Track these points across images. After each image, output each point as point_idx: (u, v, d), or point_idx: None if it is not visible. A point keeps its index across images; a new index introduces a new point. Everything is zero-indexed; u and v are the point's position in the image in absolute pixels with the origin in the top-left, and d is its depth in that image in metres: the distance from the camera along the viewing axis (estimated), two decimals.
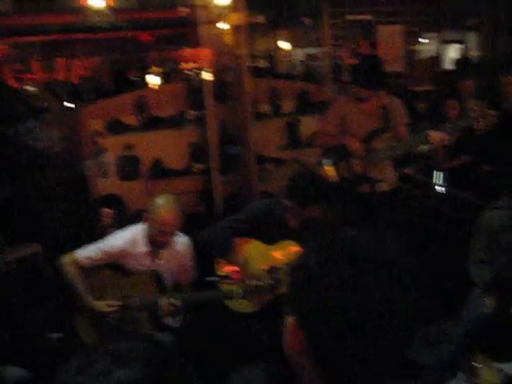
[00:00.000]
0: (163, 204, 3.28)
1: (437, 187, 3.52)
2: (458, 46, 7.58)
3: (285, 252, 3.65)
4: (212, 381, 3.48)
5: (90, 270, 3.41)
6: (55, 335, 3.32)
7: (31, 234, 4.53)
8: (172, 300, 3.19)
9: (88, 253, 3.35)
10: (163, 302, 3.19)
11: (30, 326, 3.84)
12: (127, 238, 3.38)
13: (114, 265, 3.43)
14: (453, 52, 7.68)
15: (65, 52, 6.73)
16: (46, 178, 5.76)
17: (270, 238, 3.64)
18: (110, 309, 3.30)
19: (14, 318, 3.85)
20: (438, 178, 3.52)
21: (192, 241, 3.68)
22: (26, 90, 6.15)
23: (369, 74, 4.01)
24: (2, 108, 6.34)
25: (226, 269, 3.65)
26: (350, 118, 4.20)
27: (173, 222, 3.28)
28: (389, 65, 4.31)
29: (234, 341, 4.02)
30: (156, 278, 3.40)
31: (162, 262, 3.45)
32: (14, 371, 3.19)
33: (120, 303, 3.33)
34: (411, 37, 6.72)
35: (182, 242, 3.54)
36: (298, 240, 3.65)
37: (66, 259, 3.36)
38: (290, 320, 0.92)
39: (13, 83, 4.88)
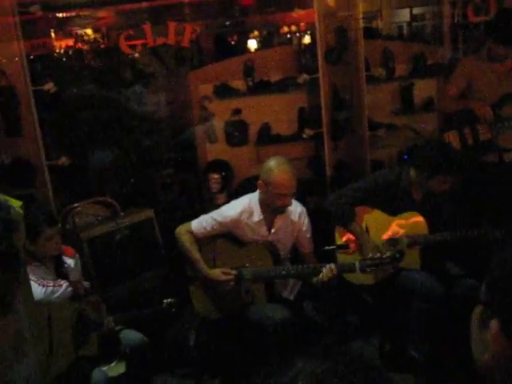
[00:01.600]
0: (278, 166, 3.18)
1: None
2: None
3: (407, 223, 3.46)
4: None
5: (204, 239, 3.39)
6: (168, 300, 3.32)
7: (144, 200, 4.58)
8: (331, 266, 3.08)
9: (203, 223, 3.36)
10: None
11: (144, 290, 3.90)
12: (241, 208, 3.31)
13: (228, 235, 3.39)
14: None
15: (173, 16, 6.71)
16: (153, 144, 5.84)
17: (393, 209, 3.47)
18: (226, 277, 3.27)
19: (128, 283, 3.92)
20: None
21: (305, 207, 3.56)
22: (135, 56, 6.22)
23: (507, 29, 3.65)
24: (113, 74, 6.45)
25: (346, 238, 3.52)
26: (480, 80, 3.87)
27: (290, 183, 3.16)
28: None
29: (347, 314, 3.91)
30: (271, 249, 3.31)
31: (277, 231, 3.36)
32: (131, 334, 3.24)
33: (235, 272, 3.28)
34: None
35: (297, 211, 3.43)
36: (422, 213, 3.45)
37: (181, 229, 3.40)
38: (493, 324, 0.74)
39: (125, 49, 4.88)
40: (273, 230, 3.35)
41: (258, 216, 3.30)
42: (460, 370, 3.10)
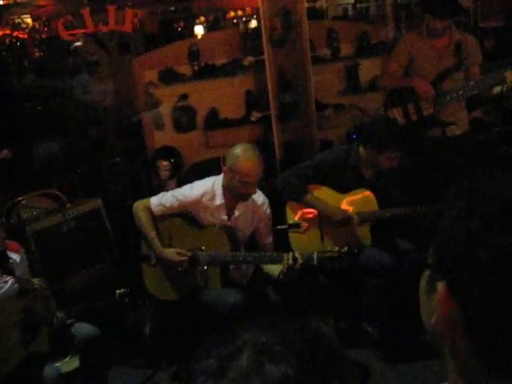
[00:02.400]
0: (244, 153, 3.13)
1: None
2: None
3: (357, 200, 3.50)
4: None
5: (162, 217, 3.32)
6: (121, 290, 3.26)
7: (92, 190, 4.49)
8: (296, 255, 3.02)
9: (162, 200, 3.28)
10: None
11: (96, 282, 3.83)
12: (204, 190, 3.25)
13: (186, 216, 3.33)
14: None
15: (116, 3, 6.59)
16: (100, 133, 5.72)
17: (343, 187, 3.50)
18: (180, 258, 3.21)
19: (79, 275, 3.84)
20: None
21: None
22: (78, 45, 6.06)
23: (444, 1, 3.71)
24: (55, 63, 6.29)
25: (300, 213, 3.52)
26: (420, 56, 3.92)
27: (256, 171, 3.11)
28: None
29: (301, 294, 3.92)
30: (229, 234, 3.28)
31: (237, 217, 3.32)
32: (83, 327, 3.18)
33: (189, 254, 3.23)
34: None
35: (259, 200, 3.39)
36: (372, 189, 3.50)
37: (139, 205, 3.31)
38: (440, 286, 0.74)
39: (64, 36, 4.75)
40: (233, 216, 3.31)
41: (219, 200, 3.25)
42: (413, 342, 3.18)
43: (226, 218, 3.29)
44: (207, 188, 3.25)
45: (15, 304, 2.92)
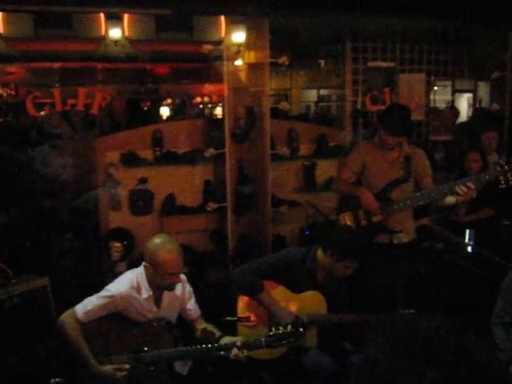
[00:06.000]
0: (163, 246, 3.09)
1: (464, 244, 3.45)
2: (470, 95, 7.57)
3: (309, 302, 3.56)
4: None
5: (93, 323, 3.14)
6: (56, 379, 3.08)
7: (39, 266, 4.40)
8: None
9: (88, 306, 3.11)
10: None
11: (34, 365, 3.68)
12: (129, 284, 3.17)
13: (117, 316, 3.23)
14: (465, 102, 7.66)
15: (84, 80, 6.71)
16: (55, 207, 5.67)
17: (297, 287, 3.57)
18: (121, 374, 3.03)
19: (17, 356, 3.69)
20: (465, 234, 3.45)
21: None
22: (42, 116, 6.10)
23: (398, 121, 3.96)
24: (17, 133, 6.29)
25: (248, 312, 3.54)
26: (372, 166, 4.13)
27: (178, 262, 3.09)
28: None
29: None
30: (167, 326, 3.24)
31: (165, 306, 3.29)
32: None
33: (129, 366, 3.06)
34: (428, 85, 6.70)
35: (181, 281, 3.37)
36: (323, 293, 3.58)
37: (65, 318, 3.11)
38: None
39: (32, 112, 4.81)
40: (162, 306, 3.28)
41: (146, 293, 3.18)
42: None
43: (156, 309, 3.24)
44: (132, 282, 3.16)
45: None
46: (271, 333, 3.11)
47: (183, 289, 3.36)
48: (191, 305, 3.43)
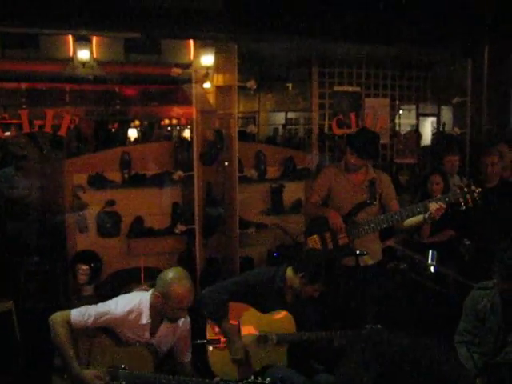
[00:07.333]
0: (178, 281, 3.10)
1: (427, 265, 3.55)
2: (434, 119, 7.79)
3: (277, 321, 3.61)
4: None
5: (81, 331, 3.14)
6: None
7: (4, 290, 4.33)
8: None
9: (85, 316, 3.11)
10: None
11: None
12: (130, 307, 3.16)
13: (107, 330, 3.22)
14: (429, 126, 7.88)
15: (52, 102, 6.68)
16: (20, 229, 5.59)
17: (265, 307, 3.61)
18: (99, 382, 3.02)
19: None
20: (428, 255, 3.54)
21: None
22: (7, 137, 6.05)
23: (367, 145, 4.07)
24: None
25: (216, 335, 3.55)
26: (338, 189, 4.23)
27: (190, 297, 3.11)
28: None
29: None
30: (152, 351, 3.22)
31: (160, 335, 3.27)
32: None
33: (108, 378, 3.05)
34: (393, 109, 6.87)
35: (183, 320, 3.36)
36: (291, 312, 3.62)
37: (58, 318, 3.10)
38: None
39: (1, 137, 4.77)
40: (156, 335, 3.26)
41: (145, 319, 3.17)
42: None
43: (148, 336, 3.23)
44: (134, 306, 3.16)
45: None
46: (249, 380, 3.09)
47: (183, 326, 3.34)
48: (184, 346, 3.41)
